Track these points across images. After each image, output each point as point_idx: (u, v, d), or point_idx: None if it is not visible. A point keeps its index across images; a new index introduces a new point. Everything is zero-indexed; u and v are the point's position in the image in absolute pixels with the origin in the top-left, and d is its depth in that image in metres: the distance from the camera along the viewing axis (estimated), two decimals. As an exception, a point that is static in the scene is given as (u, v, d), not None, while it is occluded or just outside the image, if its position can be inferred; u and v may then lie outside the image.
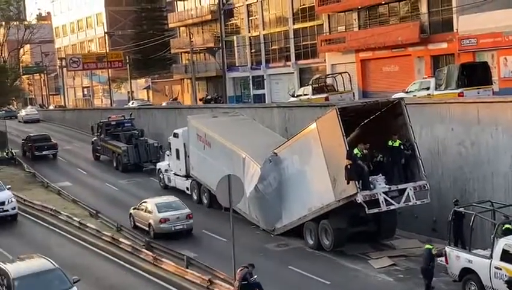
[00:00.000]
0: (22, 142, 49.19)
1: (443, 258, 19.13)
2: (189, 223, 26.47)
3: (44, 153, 46.73)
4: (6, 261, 19.01)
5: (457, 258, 18.46)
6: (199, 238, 26.29)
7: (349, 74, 40.36)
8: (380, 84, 43.25)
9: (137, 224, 27.60)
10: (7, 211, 29.12)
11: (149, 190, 35.98)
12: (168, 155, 35.86)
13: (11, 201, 29.46)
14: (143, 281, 21.32)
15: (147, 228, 26.70)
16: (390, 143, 22.79)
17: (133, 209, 28.10)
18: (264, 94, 56.62)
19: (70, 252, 24.40)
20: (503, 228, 18.09)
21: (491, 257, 17.47)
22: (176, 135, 34.54)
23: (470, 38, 36.34)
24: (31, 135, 50.19)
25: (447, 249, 18.88)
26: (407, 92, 30.39)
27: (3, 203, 29.04)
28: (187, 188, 33.25)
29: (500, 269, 17.01)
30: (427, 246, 18.84)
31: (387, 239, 23.97)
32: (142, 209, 27.27)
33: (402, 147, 22.72)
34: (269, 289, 18.24)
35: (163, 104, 61.37)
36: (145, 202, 27.64)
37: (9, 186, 31.32)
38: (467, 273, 18.12)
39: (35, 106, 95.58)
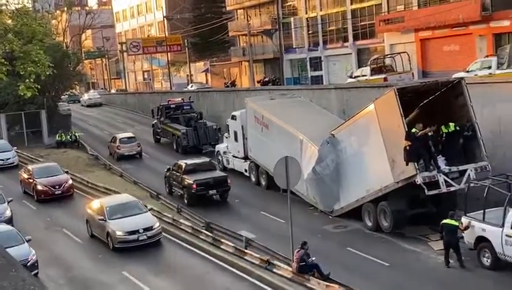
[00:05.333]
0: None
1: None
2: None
3: None
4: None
5: (472, 227, 19.41)
6: (258, 220, 26.53)
7: (408, 54, 39.75)
8: (440, 64, 42.39)
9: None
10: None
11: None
12: (226, 137, 36.15)
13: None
14: (203, 261, 21.68)
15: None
16: (444, 129, 22.51)
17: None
18: (322, 75, 56.28)
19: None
20: None
21: (502, 225, 18.43)
22: (234, 117, 34.78)
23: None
24: None
25: (463, 219, 19.76)
26: (468, 72, 29.81)
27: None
28: (245, 170, 33.52)
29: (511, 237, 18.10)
30: (450, 221, 19.53)
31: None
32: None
33: (457, 128, 22.39)
34: (327, 270, 18.32)
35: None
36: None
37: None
38: (481, 241, 19.18)
39: (98, 90, 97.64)
